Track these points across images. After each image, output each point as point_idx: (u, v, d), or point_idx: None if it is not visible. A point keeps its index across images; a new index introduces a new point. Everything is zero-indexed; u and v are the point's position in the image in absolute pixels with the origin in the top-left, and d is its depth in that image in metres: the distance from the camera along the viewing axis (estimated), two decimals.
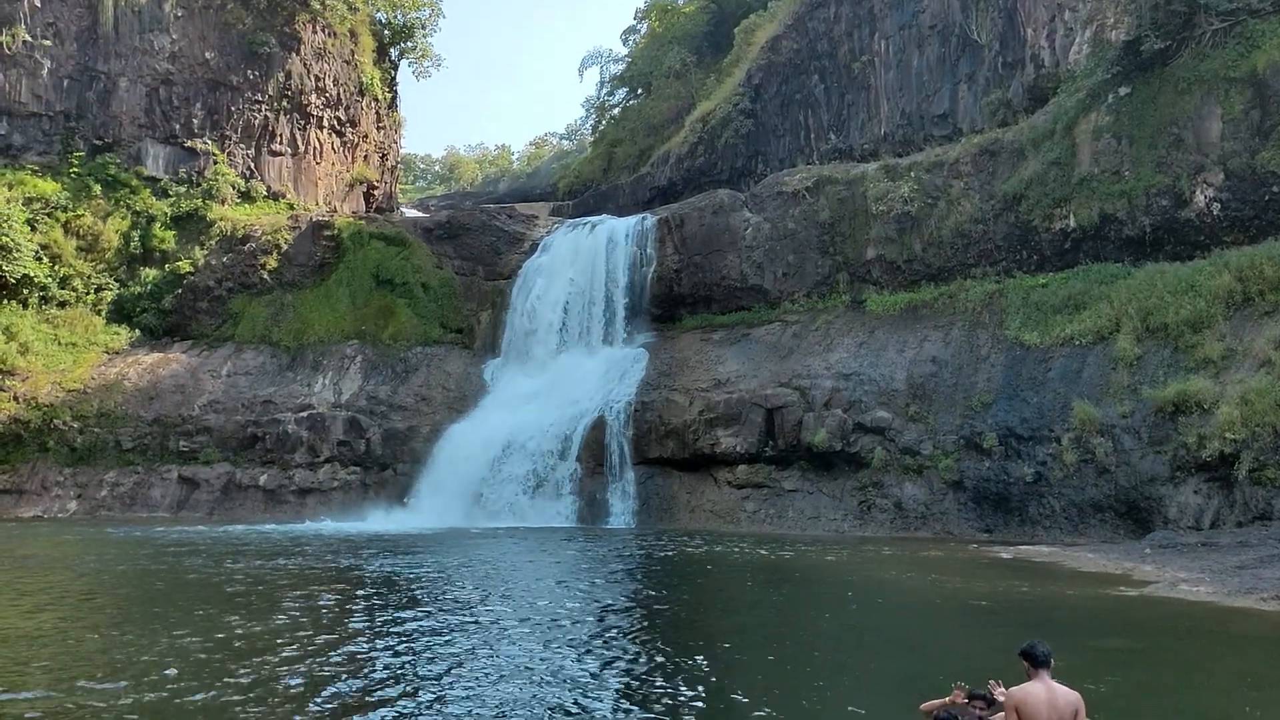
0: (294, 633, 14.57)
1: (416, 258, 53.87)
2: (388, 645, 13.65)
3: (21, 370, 49.60)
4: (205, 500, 45.64)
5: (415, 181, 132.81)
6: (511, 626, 15.31)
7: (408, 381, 49.35)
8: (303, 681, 11.61)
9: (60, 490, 46.32)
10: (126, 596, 19.89)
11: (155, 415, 48.27)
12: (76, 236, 55.39)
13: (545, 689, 11.08)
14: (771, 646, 14.69)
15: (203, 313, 54.08)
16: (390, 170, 71.45)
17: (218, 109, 59.62)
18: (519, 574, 23.49)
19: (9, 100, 56.95)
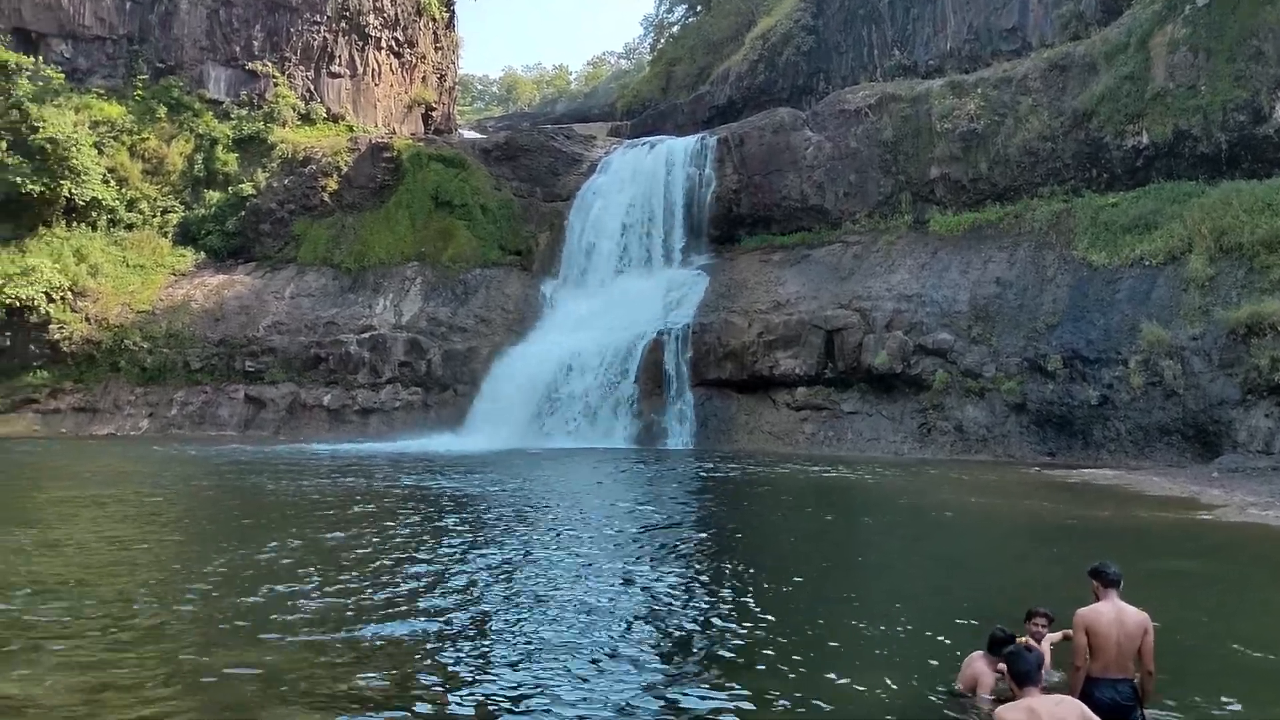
0: (362, 548, 14.76)
1: (475, 179, 53.66)
2: (454, 561, 13.73)
3: (92, 292, 50.54)
4: (271, 419, 46.42)
5: (473, 103, 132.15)
6: (570, 545, 15.30)
7: (467, 303, 49.49)
8: (379, 594, 11.74)
9: (132, 409, 47.36)
10: (206, 512, 20.30)
11: (221, 336, 48.99)
12: (142, 160, 55.99)
13: (584, 610, 10.96)
14: (832, 568, 14.57)
15: (265, 235, 54.52)
16: (448, 91, 70.98)
17: (277, 31, 59.48)
18: (578, 494, 23.58)
19: (74, 24, 57.28)
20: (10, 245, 51.33)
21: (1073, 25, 44.24)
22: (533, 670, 8.65)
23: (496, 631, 10.00)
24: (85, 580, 12.25)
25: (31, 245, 51.46)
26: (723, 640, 9.81)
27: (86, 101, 56.07)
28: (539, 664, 8.84)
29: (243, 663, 8.67)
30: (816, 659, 9.15)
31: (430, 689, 8.13)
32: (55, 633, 9.61)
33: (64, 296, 49.59)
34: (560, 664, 8.86)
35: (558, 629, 10.07)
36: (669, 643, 9.64)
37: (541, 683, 8.30)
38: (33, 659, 8.66)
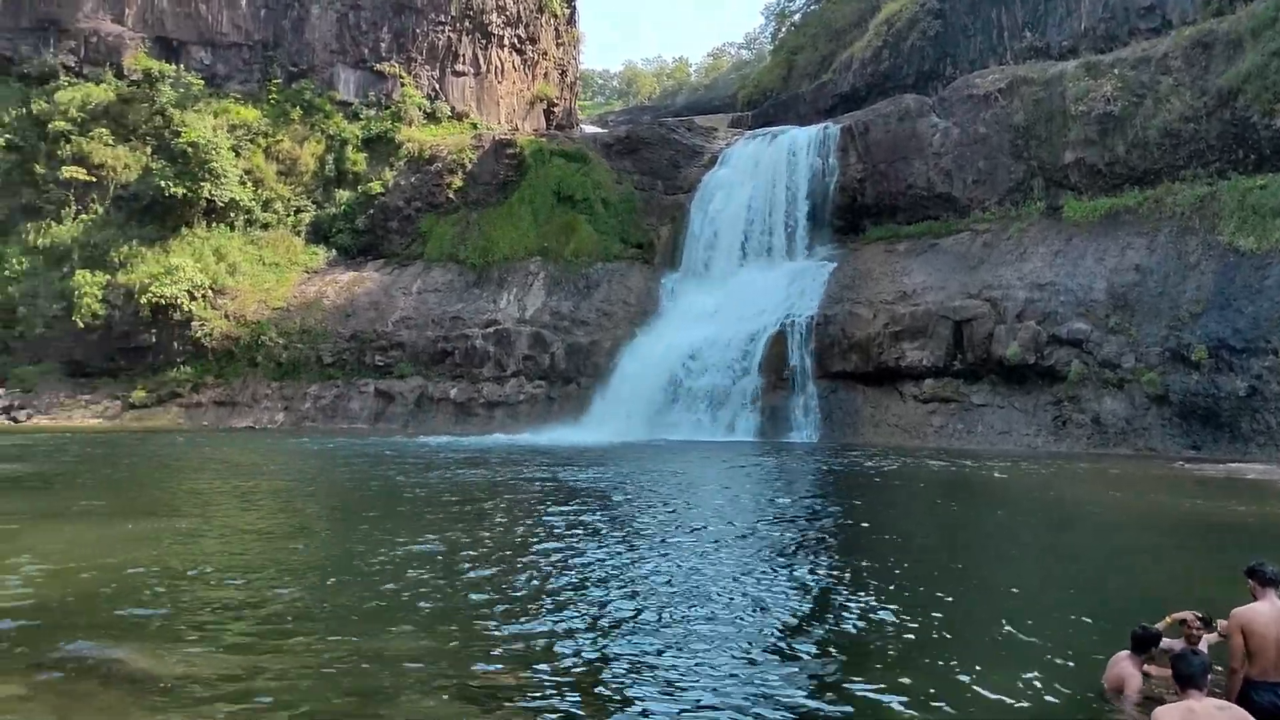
0: (494, 539, 14.93)
1: (596, 174, 54.07)
2: (587, 552, 13.75)
3: (231, 289, 52.61)
4: (400, 412, 47.57)
5: (593, 97, 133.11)
6: (701, 538, 15.24)
7: (589, 297, 49.89)
8: (513, 585, 11.84)
9: (269, 402, 49.10)
10: (340, 503, 20.91)
11: (352, 331, 50.40)
12: (276, 161, 58.01)
13: (727, 602, 10.92)
14: (967, 564, 14.22)
15: (393, 232, 55.89)
16: (569, 87, 71.66)
17: (403, 32, 60.88)
18: (705, 487, 23.54)
19: (212, 31, 59.67)
20: (155, 246, 53.78)
21: (1215, 1, 42.30)
22: (677, 664, 8.59)
23: (634, 623, 9.97)
24: (232, 567, 12.72)
25: (174, 245, 53.82)
26: (862, 636, 9.64)
27: (224, 106, 58.40)
28: (682, 657, 8.77)
29: (380, 650, 8.85)
30: (957, 657, 8.93)
31: (571, 680, 8.18)
32: (207, 617, 9.99)
33: (205, 295, 51.75)
34: (703, 657, 8.79)
35: (697, 622, 9.97)
36: (808, 638, 9.50)
37: (685, 676, 8.25)
38: (186, 641, 9.02)
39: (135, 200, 55.59)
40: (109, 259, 53.25)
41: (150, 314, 51.07)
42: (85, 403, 50.34)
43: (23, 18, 58.91)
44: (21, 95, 57.71)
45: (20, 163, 56.48)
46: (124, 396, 50.25)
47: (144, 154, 56.36)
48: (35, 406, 49.61)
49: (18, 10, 58.81)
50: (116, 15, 59.37)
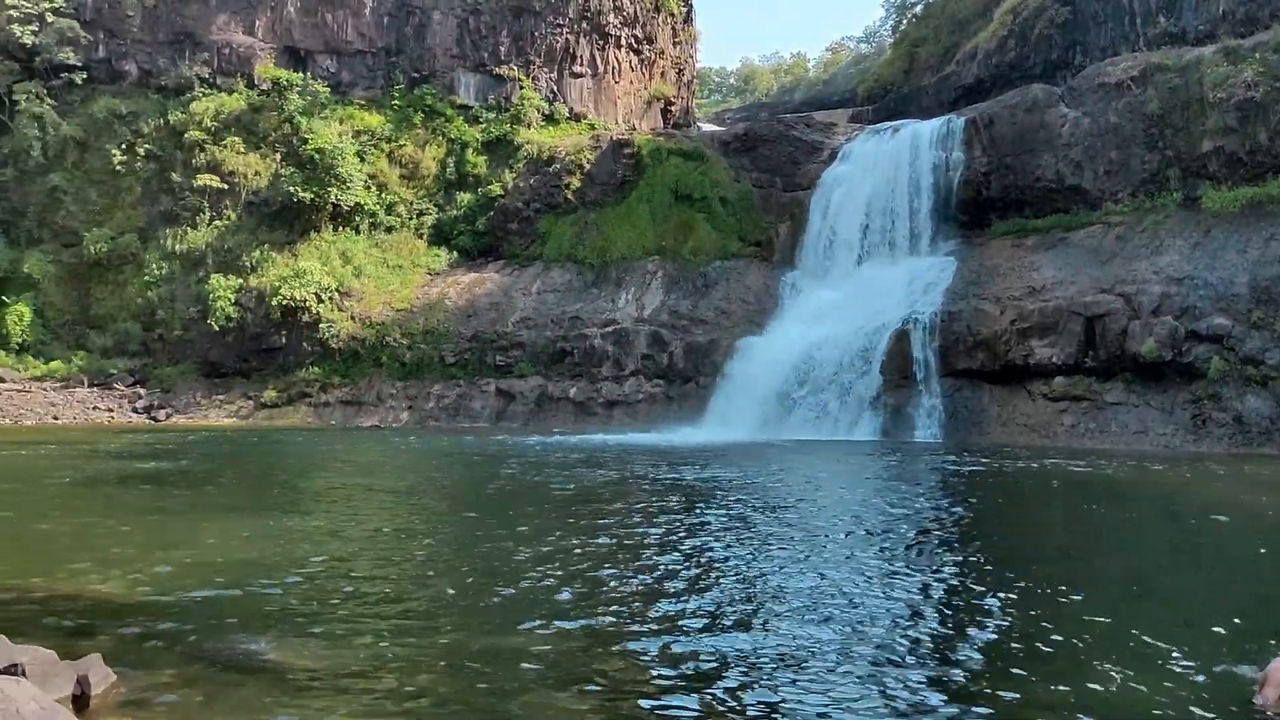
0: (616, 537, 14.98)
1: (714, 172, 54.24)
2: (708, 552, 13.67)
3: (357, 291, 54.32)
4: (520, 411, 48.46)
5: (710, 95, 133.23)
6: (827, 539, 15.09)
7: (707, 296, 50.08)
8: (635, 584, 11.99)
9: (394, 402, 50.53)
10: (464, 501, 21.50)
11: (473, 332, 51.53)
12: (399, 165, 59.70)
13: (857, 605, 10.77)
14: (1103, 566, 13.88)
15: (513, 233, 56.93)
16: (686, 85, 71.96)
17: (522, 35, 61.97)
18: (828, 487, 23.43)
19: (338, 40, 61.71)
20: (284, 250, 55.85)
21: None
22: (804, 667, 8.56)
23: (759, 625, 9.95)
24: (364, 564, 13.15)
25: (303, 249, 55.82)
26: (998, 641, 9.45)
27: (349, 112, 60.32)
28: (811, 661, 8.74)
29: (506, 647, 9.06)
30: (1098, 663, 8.74)
31: (697, 682, 8.22)
32: (342, 612, 10.33)
33: (332, 297, 53.54)
34: (833, 661, 8.73)
35: (825, 625, 9.89)
36: (941, 642, 9.33)
37: (814, 681, 8.23)
38: (323, 635, 9.37)
39: (265, 206, 57.83)
40: (241, 263, 55.53)
41: (280, 316, 53.06)
42: (220, 402, 52.54)
43: (160, 32, 61.80)
44: (160, 107, 60.58)
45: (159, 171, 59.32)
46: (256, 396, 52.30)
47: (273, 161, 58.60)
48: (174, 406, 51.98)
49: (155, 26, 61.72)
50: (247, 27, 61.82)
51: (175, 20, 61.76)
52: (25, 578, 11.66)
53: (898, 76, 74.69)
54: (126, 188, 59.61)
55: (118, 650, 8.39)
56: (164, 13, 61.75)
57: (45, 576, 11.76)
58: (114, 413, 51.21)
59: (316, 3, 61.75)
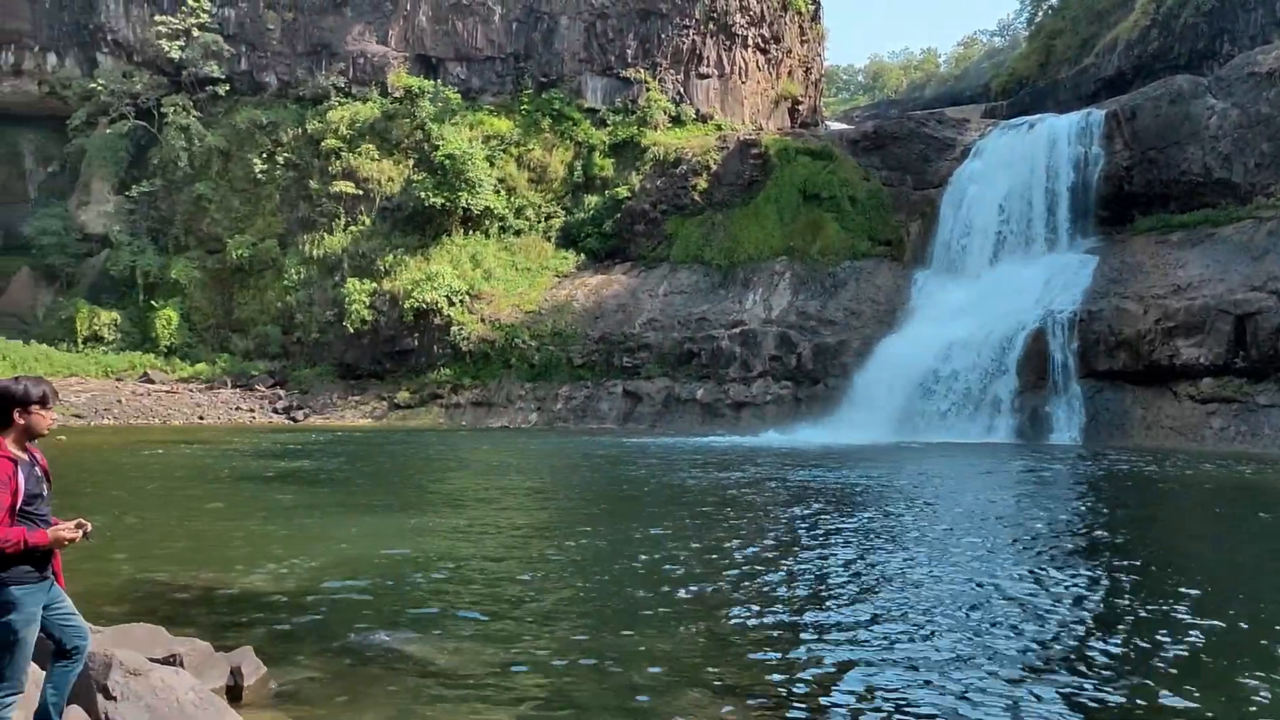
0: (748, 538, 15.15)
1: (843, 171, 54.07)
2: (845, 555, 13.72)
3: (487, 294, 55.73)
4: (648, 413, 49.05)
5: (838, 94, 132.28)
6: (959, 542, 14.91)
7: (836, 296, 49.96)
8: (769, 584, 12.09)
9: (522, 403, 51.66)
10: (596, 501, 22.02)
11: (601, 334, 52.35)
12: (528, 169, 61.06)
13: (997, 611, 10.57)
14: (1257, 574, 13.47)
15: (640, 235, 57.63)
16: (814, 84, 71.82)
17: (649, 37, 62.70)
18: (965, 490, 23.05)
19: (468, 47, 63.45)
20: (417, 254, 57.62)
21: None
22: (940, 674, 8.49)
23: (896, 630, 9.82)
24: (498, 562, 13.63)
25: (435, 253, 57.51)
26: (1147, 651, 9.23)
27: (479, 118, 61.95)
28: (948, 667, 8.64)
29: (643, 647, 9.24)
30: (1253, 677, 8.52)
31: (829, 687, 8.22)
32: (478, 610, 10.75)
33: (462, 299, 55.03)
34: (971, 668, 8.61)
35: (963, 631, 9.71)
36: (1088, 651, 9.21)
37: (950, 689, 8.14)
38: (456, 631, 9.81)
39: (398, 211, 59.78)
40: (375, 267, 57.48)
41: (413, 319, 54.77)
42: (355, 403, 54.47)
43: (299, 44, 64.42)
44: (298, 116, 63.15)
45: (297, 179, 61.83)
46: (390, 397, 54.06)
47: (406, 167, 60.54)
48: (311, 406, 54.07)
49: (294, 38, 64.36)
50: (381, 37, 63.98)
51: (313, 32, 64.29)
52: (178, 571, 12.52)
53: (1033, 70, 73.21)
54: (267, 195, 62.29)
55: (266, 643, 8.88)
56: (302, 25, 64.34)
57: (197, 570, 12.59)
58: (255, 413, 53.50)
59: (447, 11, 63.56)
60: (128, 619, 8.96)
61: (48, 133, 66.63)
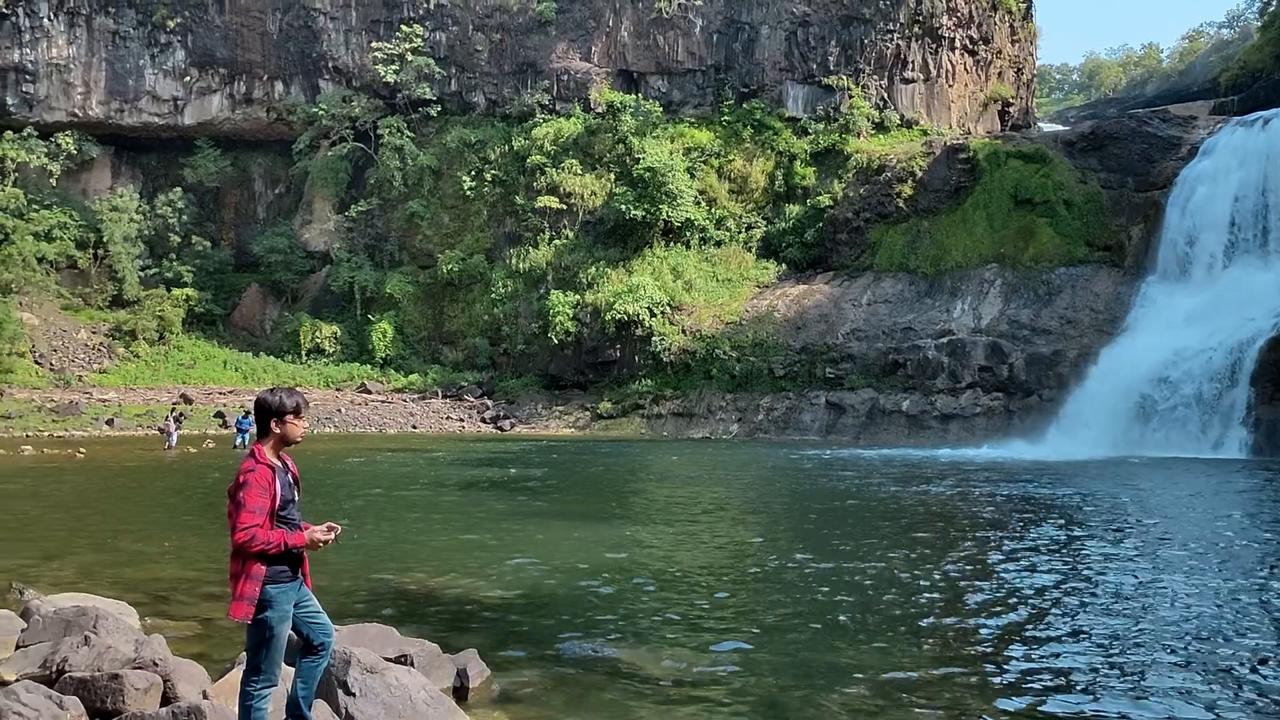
0: (952, 557, 14.77)
1: (1057, 174, 52.45)
2: (1077, 579, 13.12)
3: (688, 305, 56.56)
4: (851, 424, 48.72)
5: (1050, 94, 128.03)
6: (1188, 567, 13.93)
7: (1050, 304, 48.49)
8: (1001, 605, 11.75)
9: (723, 414, 52.13)
10: (801, 512, 22.15)
11: (803, 344, 52.33)
12: (728, 180, 61.74)
13: (1240, 650, 9.79)
14: None
15: (842, 244, 57.37)
16: (1025, 85, 69.90)
17: (851, 44, 62.41)
18: (1192, 510, 21.63)
19: (668, 60, 64.71)
20: (619, 266, 58.99)
21: None
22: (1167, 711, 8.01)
23: (1128, 663, 9.27)
24: (703, 571, 13.81)
25: (636, 265, 58.74)
26: None
27: (680, 130, 63.04)
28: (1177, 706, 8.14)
29: (849, 661, 9.22)
30: None
31: (1053, 706, 8.04)
32: (684, 618, 10.94)
33: (664, 311, 56.00)
34: (1203, 707, 8.08)
35: (1194, 667, 9.13)
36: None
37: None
38: (668, 640, 9.96)
39: (600, 224, 61.38)
40: (578, 280, 59.15)
41: (615, 330, 56.06)
42: (559, 413, 56.12)
43: (505, 64, 67.05)
44: (505, 134, 65.74)
45: (504, 195, 64.34)
46: (592, 407, 55.47)
47: (608, 180, 62.10)
48: (518, 416, 56.01)
49: (501, 58, 67.04)
50: (584, 54, 65.87)
51: (519, 52, 66.77)
52: (399, 574, 13.25)
53: (1267, 63, 69.00)
54: (475, 211, 65.01)
55: (485, 646, 9.17)
56: (509, 46, 66.91)
57: (416, 573, 13.32)
58: (465, 422, 55.79)
59: (649, 26, 64.91)
60: (356, 619, 9.49)
61: (275, 157, 71.37)
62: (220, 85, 68.67)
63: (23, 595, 10.45)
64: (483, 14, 67.29)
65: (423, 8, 67.34)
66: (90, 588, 11.12)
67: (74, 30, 66.75)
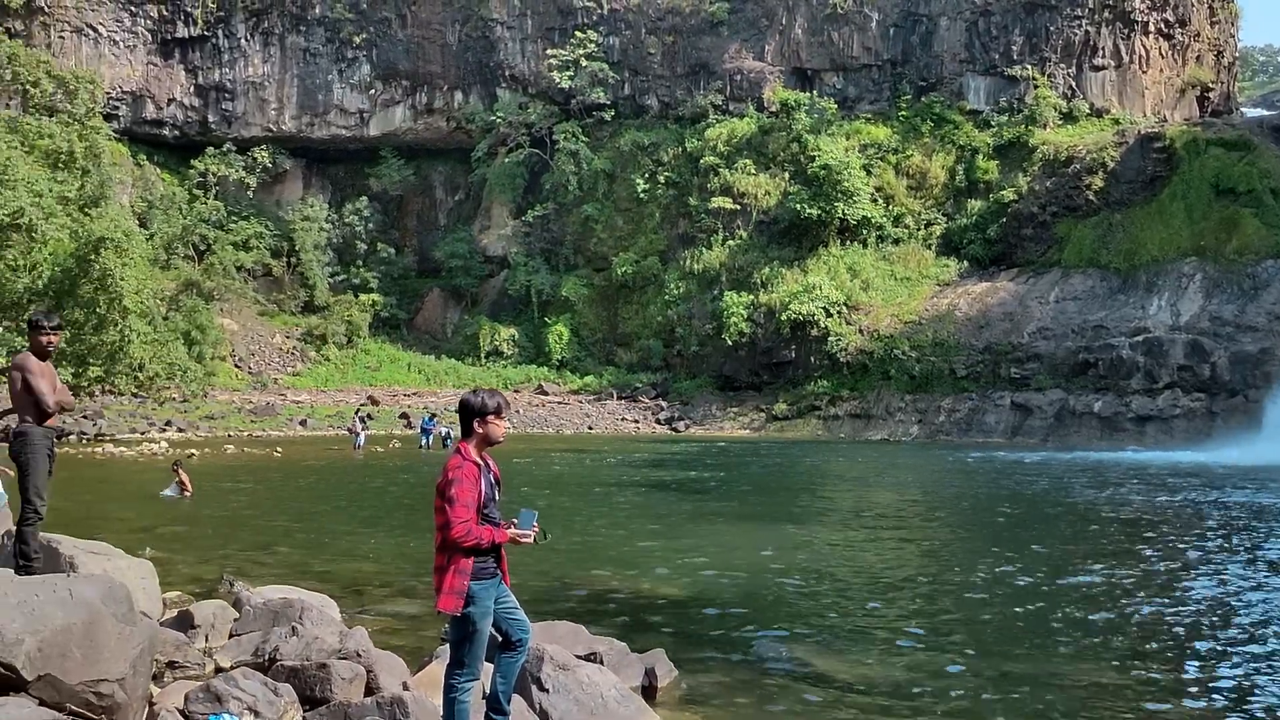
0: (1154, 569, 13.91)
1: (1263, 161, 49.64)
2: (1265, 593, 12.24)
3: (864, 305, 55.69)
4: (1039, 426, 47.01)
5: (1253, 77, 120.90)
6: None
7: (1257, 299, 45.84)
8: (1170, 621, 11.00)
9: (902, 415, 51.05)
10: (989, 518, 21.31)
11: (985, 343, 50.82)
12: (906, 176, 60.54)
13: None
14: None
15: (1027, 240, 55.52)
16: (1227, 68, 66.20)
17: (1036, 32, 60.41)
18: None
19: (843, 57, 64.01)
20: (793, 266, 58.52)
21: None
22: None
23: None
24: (885, 575, 13.50)
25: (811, 265, 58.15)
26: None
27: (855, 127, 62.20)
28: None
29: (1046, 670, 8.89)
30: None
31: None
32: (867, 622, 10.75)
33: (839, 311, 55.25)
34: None
35: None
36: None
37: None
38: (851, 644, 9.78)
39: (774, 224, 61.01)
40: (752, 280, 58.89)
41: (789, 331, 55.60)
42: (733, 414, 55.96)
43: (678, 66, 67.35)
44: (678, 136, 66.03)
45: (677, 197, 64.59)
46: (767, 408, 55.09)
47: (782, 180, 61.67)
48: (692, 418, 56.11)
49: (674, 61, 67.37)
50: (757, 53, 65.63)
51: (691, 54, 66.98)
52: (587, 573, 13.34)
53: None
54: (648, 214, 65.45)
55: (671, 645, 9.10)
56: (681, 48, 67.19)
57: (602, 573, 13.38)
58: (639, 424, 56.19)
59: (823, 22, 64.23)
60: (545, 617, 9.36)
61: (454, 164, 73.45)
62: (403, 97, 71.09)
63: (233, 587, 10.98)
64: (655, 17, 67.77)
65: (596, 13, 68.27)
66: (292, 580, 11.56)
67: (268, 49, 70.16)
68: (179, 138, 69.78)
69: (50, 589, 6.05)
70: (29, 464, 8.01)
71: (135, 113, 68.23)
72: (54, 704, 5.67)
